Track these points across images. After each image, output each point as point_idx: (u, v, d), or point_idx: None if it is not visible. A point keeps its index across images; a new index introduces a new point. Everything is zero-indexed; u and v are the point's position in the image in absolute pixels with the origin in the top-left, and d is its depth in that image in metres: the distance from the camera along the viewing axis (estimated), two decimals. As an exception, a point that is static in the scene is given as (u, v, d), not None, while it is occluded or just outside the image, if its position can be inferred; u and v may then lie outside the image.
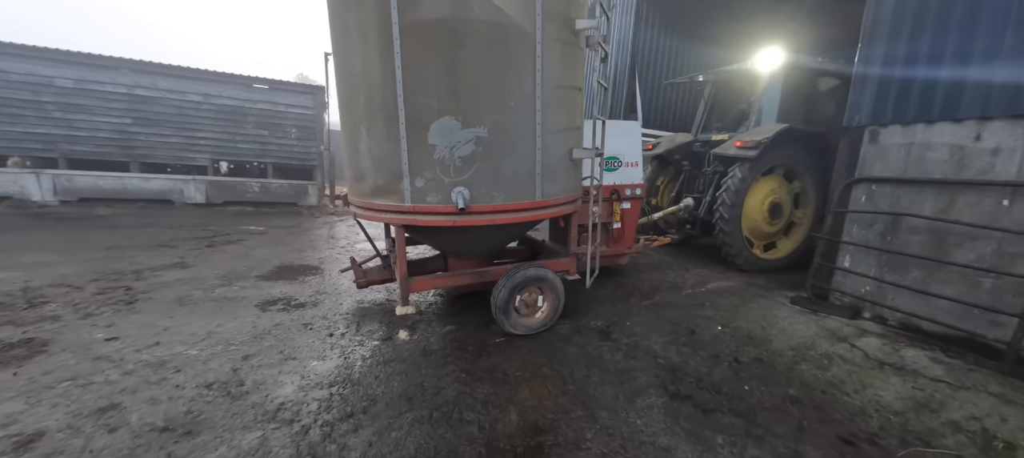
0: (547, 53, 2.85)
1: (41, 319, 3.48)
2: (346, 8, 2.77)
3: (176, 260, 5.41)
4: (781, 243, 5.60)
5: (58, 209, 8.42)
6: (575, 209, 3.54)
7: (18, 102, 8.24)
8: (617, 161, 4.33)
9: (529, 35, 2.77)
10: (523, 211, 3.03)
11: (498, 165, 2.85)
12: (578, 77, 3.33)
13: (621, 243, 4.51)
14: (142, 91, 8.93)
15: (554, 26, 2.88)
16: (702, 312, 4.01)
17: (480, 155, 2.78)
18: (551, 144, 3.05)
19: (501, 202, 2.91)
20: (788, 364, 3.03)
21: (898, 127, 3.43)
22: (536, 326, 3.39)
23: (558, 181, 3.21)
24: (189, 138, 9.46)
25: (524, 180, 2.98)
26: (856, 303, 3.79)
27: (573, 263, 3.63)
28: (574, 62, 3.20)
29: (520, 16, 2.74)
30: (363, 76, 2.77)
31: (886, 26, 3.49)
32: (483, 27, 2.64)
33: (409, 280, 3.15)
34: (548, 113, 2.96)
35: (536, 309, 3.42)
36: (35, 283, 4.34)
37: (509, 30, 2.72)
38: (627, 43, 8.70)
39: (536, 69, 2.83)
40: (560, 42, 2.96)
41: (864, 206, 3.71)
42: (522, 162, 2.94)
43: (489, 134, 2.76)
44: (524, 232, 3.87)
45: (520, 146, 2.91)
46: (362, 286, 3.77)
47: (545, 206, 3.13)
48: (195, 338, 3.22)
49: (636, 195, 4.44)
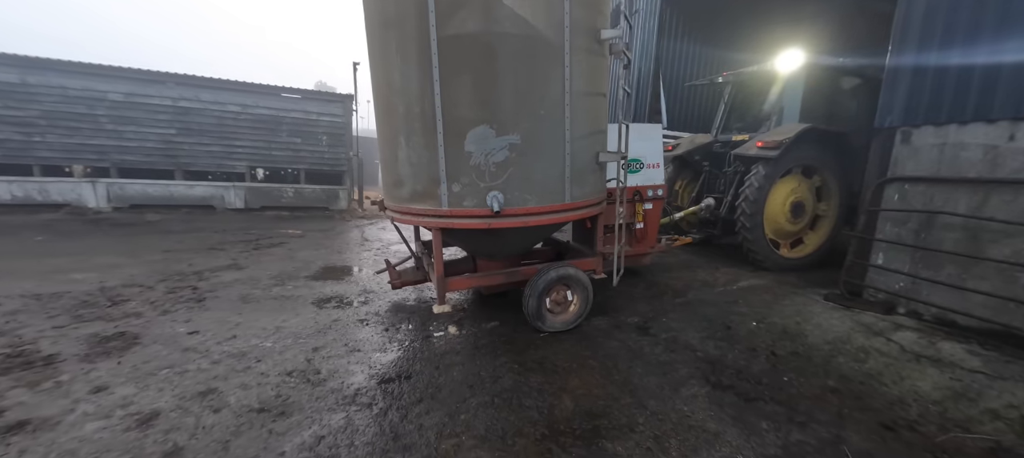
0: (574, 62, 3.03)
1: (126, 315, 3.84)
2: (386, 26, 2.97)
3: (229, 262, 5.79)
4: (808, 238, 5.64)
5: (112, 215, 9.00)
6: (601, 210, 3.70)
7: (75, 116, 8.86)
8: (639, 163, 4.48)
9: (557, 46, 2.95)
10: (553, 213, 3.19)
11: (530, 170, 3.03)
12: (603, 84, 3.49)
13: (644, 243, 4.65)
14: (186, 103, 9.48)
15: (580, 37, 3.05)
16: (736, 309, 4.14)
17: (513, 161, 2.96)
18: (579, 149, 3.22)
19: (533, 205, 3.09)
20: (825, 357, 3.16)
21: (931, 128, 3.52)
22: (570, 321, 3.55)
23: (586, 184, 3.37)
24: (228, 146, 9.98)
25: (554, 184, 3.16)
26: (891, 299, 3.88)
27: (599, 262, 3.78)
28: (599, 70, 3.36)
29: (549, 29, 2.93)
30: (402, 89, 2.97)
31: (917, 29, 3.58)
32: (515, 40, 2.84)
33: (446, 280, 3.32)
34: (576, 119, 3.13)
35: (567, 306, 3.58)
36: (110, 283, 4.74)
37: (539, 42, 2.91)
38: (651, 48, 8.85)
39: (564, 78, 3.01)
40: (586, 52, 3.13)
41: (897, 205, 3.79)
42: (552, 167, 3.13)
43: (522, 141, 2.95)
44: (551, 233, 4.02)
45: (550, 151, 3.09)
46: (396, 287, 4.01)
47: (574, 208, 3.29)
48: (266, 332, 3.52)
49: (658, 196, 4.58)
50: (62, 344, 3.23)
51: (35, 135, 8.77)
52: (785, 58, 5.45)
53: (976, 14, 3.22)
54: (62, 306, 4.02)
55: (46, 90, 8.64)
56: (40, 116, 8.69)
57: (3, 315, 3.77)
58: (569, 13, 2.92)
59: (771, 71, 5.68)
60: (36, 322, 3.64)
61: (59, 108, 8.76)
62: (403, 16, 2.83)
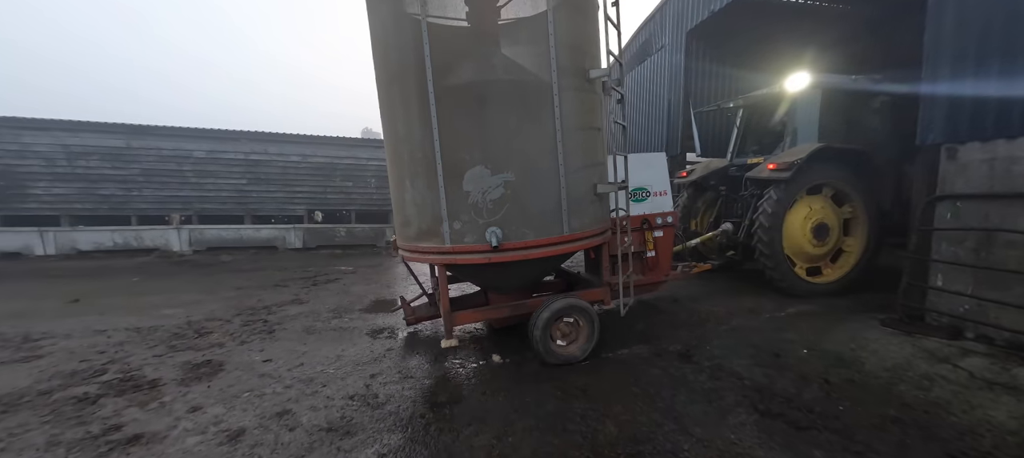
0: (564, 102, 3.22)
1: (211, 345, 4.36)
2: (391, 81, 3.34)
3: (293, 297, 6.36)
4: (827, 271, 5.37)
5: (193, 257, 10.14)
6: (604, 240, 3.73)
7: (167, 172, 10.26)
8: (645, 192, 4.46)
9: (546, 88, 3.18)
10: (552, 245, 3.29)
11: (526, 205, 3.19)
12: (596, 119, 3.64)
13: (657, 271, 4.56)
14: (256, 156, 10.73)
15: (569, 78, 3.25)
16: (784, 336, 4.02)
17: (509, 197, 3.14)
18: (574, 182, 3.34)
19: (531, 238, 3.22)
20: (884, 385, 3.01)
21: (977, 143, 3.40)
22: (576, 354, 3.53)
23: (585, 215, 3.47)
24: (290, 192, 11.09)
25: (551, 216, 3.29)
26: (956, 323, 3.62)
27: (606, 292, 3.80)
28: (591, 106, 3.54)
29: (537, 73, 3.20)
30: (406, 136, 3.27)
31: (949, 44, 3.54)
32: (505, 86, 3.14)
33: (453, 314, 3.45)
34: (569, 154, 3.28)
35: (573, 337, 3.58)
36: (194, 317, 5.38)
37: (528, 86, 3.19)
38: (680, 78, 9.05)
39: (555, 117, 3.20)
40: (575, 90, 3.33)
41: (950, 223, 3.62)
42: (548, 200, 3.26)
43: (516, 177, 3.13)
44: (557, 265, 4.05)
45: (545, 186, 3.24)
46: (411, 323, 4.15)
47: (573, 239, 3.38)
48: (329, 360, 3.87)
49: (668, 223, 4.51)
50: (162, 370, 3.74)
51: (134, 190, 10.22)
52: (793, 79, 5.43)
53: (1009, 25, 3.17)
54: (158, 337, 4.63)
55: (145, 152, 10.13)
56: (139, 174, 10.14)
57: (114, 345, 4.41)
58: (555, 58, 3.16)
59: (781, 93, 5.66)
60: (139, 351, 4.22)
61: (155, 166, 10.19)
62: (404, 72, 3.16)
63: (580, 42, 3.45)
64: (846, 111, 5.46)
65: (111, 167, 10.06)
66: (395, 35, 3.26)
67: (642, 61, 11.61)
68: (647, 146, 11.10)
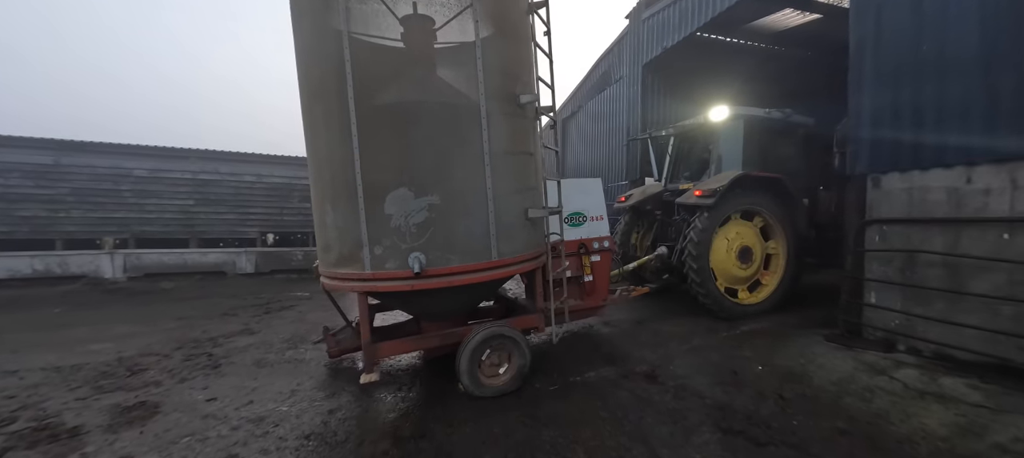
0: (493, 125, 3.19)
1: (145, 384, 3.94)
2: (313, 99, 3.25)
3: (242, 327, 5.92)
4: (766, 279, 5.67)
5: (127, 285, 9.23)
6: (537, 265, 3.67)
7: (102, 192, 9.40)
8: (582, 216, 4.45)
9: (474, 110, 3.14)
10: (479, 272, 3.18)
11: (452, 229, 3.09)
12: (527, 143, 3.62)
13: (595, 295, 4.51)
14: (205, 176, 10.07)
15: (498, 101, 3.25)
16: (740, 353, 4.21)
17: (434, 221, 3.03)
18: (504, 206, 3.27)
19: (456, 264, 3.10)
20: (832, 398, 3.21)
21: (896, 174, 3.83)
22: (503, 387, 3.39)
23: (515, 240, 3.39)
24: (242, 214, 10.46)
25: (479, 241, 3.19)
26: (889, 336, 3.96)
27: (540, 319, 3.71)
28: (522, 131, 3.54)
29: (465, 95, 3.22)
30: (328, 157, 3.16)
31: (869, 87, 4.01)
32: (431, 107, 3.08)
33: (374, 346, 3.26)
34: (498, 178, 3.22)
35: (501, 367, 3.45)
36: (127, 353, 4.86)
37: (455, 108, 3.15)
38: (637, 108, 9.64)
39: (483, 140, 3.15)
40: (506, 115, 3.32)
41: (879, 245, 4.00)
42: (475, 225, 3.18)
43: (441, 201, 3.04)
44: (490, 291, 3.94)
45: (472, 210, 3.17)
46: (334, 356, 3.92)
47: (502, 265, 3.28)
48: (282, 396, 3.60)
49: (604, 247, 4.51)
50: (86, 415, 3.32)
51: (61, 211, 9.25)
52: (715, 111, 5.88)
53: (915, 74, 3.64)
54: (83, 377, 4.13)
55: (77, 169, 9.25)
56: (69, 193, 9.22)
57: (26, 388, 3.88)
58: (483, 81, 3.14)
59: (706, 123, 6.09)
60: (58, 394, 3.73)
61: (87, 185, 9.31)
62: (326, 90, 3.09)
63: (511, 67, 3.45)
64: (765, 141, 5.88)
65: (35, 186, 9.07)
66: (317, 50, 3.18)
67: (602, 90, 12.19)
68: (609, 171, 11.54)
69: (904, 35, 3.74)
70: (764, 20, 8.40)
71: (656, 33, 9.26)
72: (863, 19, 4.09)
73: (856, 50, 4.14)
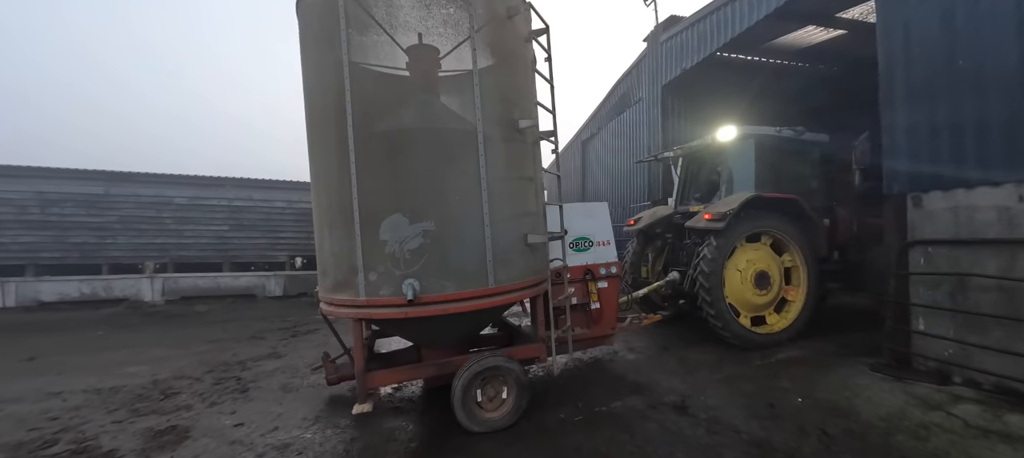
0: (490, 151, 3.16)
1: (177, 408, 4.04)
2: (313, 127, 3.36)
3: (270, 350, 6.05)
4: (792, 294, 5.33)
5: (164, 307, 9.66)
6: (538, 292, 3.54)
7: (145, 219, 9.99)
8: (588, 241, 4.29)
9: (471, 136, 3.14)
10: (475, 299, 3.09)
11: (446, 256, 3.04)
12: (527, 168, 3.57)
13: (602, 323, 4.27)
14: (240, 202, 10.57)
15: (496, 127, 3.23)
16: (777, 383, 3.98)
17: (429, 247, 2.99)
18: (502, 232, 3.20)
19: (451, 291, 3.02)
20: (882, 435, 2.96)
21: (939, 192, 3.62)
22: (501, 421, 3.25)
23: (513, 267, 3.29)
24: (273, 238, 10.87)
25: (475, 268, 3.11)
26: (943, 367, 3.66)
27: (541, 349, 3.57)
28: (521, 156, 3.50)
29: (461, 121, 3.21)
30: (326, 183, 3.22)
31: (902, 104, 3.85)
32: (427, 134, 3.10)
33: (367, 374, 3.21)
34: (496, 203, 3.17)
35: (500, 400, 3.30)
36: (162, 375, 5.03)
37: (451, 134, 3.17)
38: (657, 129, 9.58)
39: (480, 165, 3.12)
40: (503, 140, 3.29)
41: (924, 268, 3.75)
42: (472, 251, 3.11)
43: (436, 227, 3.00)
44: (488, 319, 3.78)
45: (468, 236, 3.10)
46: (332, 382, 3.84)
47: (499, 292, 3.18)
48: (306, 422, 3.62)
49: (612, 273, 4.31)
50: (121, 439, 3.42)
51: (108, 237, 9.86)
52: (723, 131, 5.69)
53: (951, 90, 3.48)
54: (120, 400, 4.29)
55: (124, 198, 9.89)
56: (116, 221, 9.84)
57: (68, 410, 4.05)
58: (480, 107, 3.15)
59: (714, 143, 5.90)
60: (97, 417, 3.88)
61: (132, 213, 9.93)
62: (326, 118, 3.17)
63: (510, 93, 3.45)
64: (778, 161, 5.65)
65: (86, 214, 9.75)
66: (320, 79, 3.29)
67: (621, 112, 12.21)
68: (628, 193, 11.43)
69: (936, 50, 3.60)
70: (786, 38, 8.29)
71: (675, 55, 9.26)
72: (891, 35, 3.98)
73: (886, 66, 4.02)
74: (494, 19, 3.35)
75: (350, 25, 3.08)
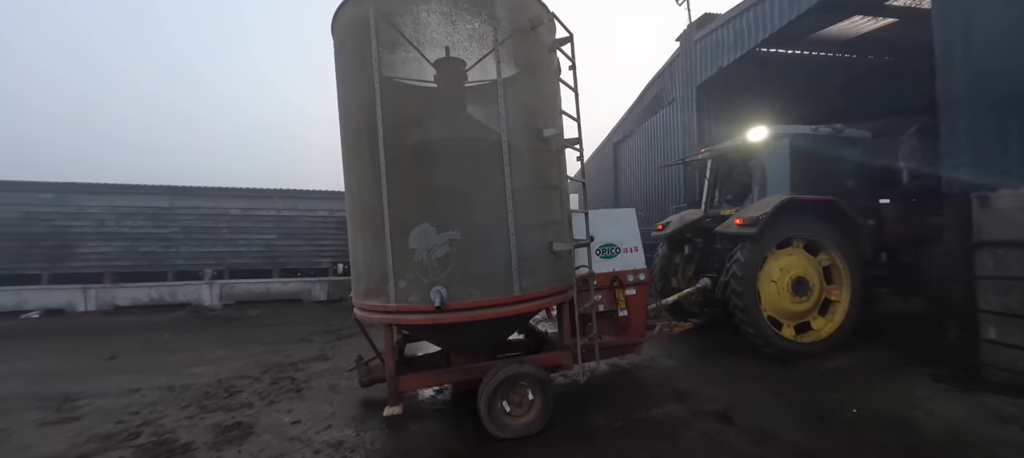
0: (515, 160, 3.22)
1: (240, 405, 4.38)
2: (347, 141, 3.54)
3: (318, 352, 6.41)
4: (816, 323, 5.01)
5: (222, 312, 10.42)
6: (564, 300, 3.57)
7: (204, 229, 10.84)
8: (615, 248, 4.26)
9: (496, 145, 3.21)
10: (501, 306, 3.16)
11: (472, 264, 3.12)
12: (552, 176, 3.61)
13: (630, 331, 4.21)
14: (287, 212, 11.26)
15: (521, 136, 3.29)
16: (827, 393, 3.81)
17: (455, 256, 3.08)
18: (527, 240, 3.25)
19: (477, 298, 3.09)
20: (949, 451, 2.80)
21: (1008, 191, 3.36)
22: (527, 427, 3.27)
23: (538, 274, 3.33)
24: (316, 246, 11.49)
25: (500, 276, 3.18)
26: (1017, 378, 3.38)
27: (567, 356, 3.58)
28: (546, 164, 3.55)
29: (486, 130, 3.27)
30: (358, 194, 3.40)
31: (963, 95, 3.60)
32: (453, 144, 3.22)
33: (398, 378, 3.33)
34: (520, 212, 3.23)
35: (527, 407, 3.33)
36: (224, 375, 5.45)
37: (476, 144, 3.26)
38: (693, 131, 9.36)
39: (505, 174, 3.19)
40: (528, 150, 3.34)
41: (994, 271, 3.48)
42: (497, 259, 3.18)
43: (462, 236, 3.09)
44: (514, 325, 3.82)
45: (494, 244, 3.18)
46: (365, 384, 3.99)
47: (525, 300, 3.24)
48: (355, 421, 3.84)
49: (640, 280, 4.25)
50: (194, 433, 3.76)
51: (172, 247, 10.78)
52: (755, 131, 5.45)
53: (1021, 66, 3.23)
54: (189, 397, 4.69)
55: (186, 211, 10.79)
56: (179, 231, 10.75)
57: (147, 405, 4.49)
58: (505, 117, 3.22)
59: (745, 144, 5.65)
60: (172, 412, 4.28)
61: (193, 224, 10.81)
62: (359, 132, 3.33)
63: (534, 102, 3.52)
64: (815, 161, 5.35)
65: (153, 226, 10.72)
66: (354, 95, 3.46)
67: (654, 114, 12.01)
68: (663, 196, 11.21)
69: (1001, 37, 3.36)
70: (830, 29, 7.90)
71: (710, 53, 9.04)
72: (949, 22, 3.74)
73: (943, 55, 3.78)
74: (518, 31, 3.44)
75: (381, 43, 3.25)
